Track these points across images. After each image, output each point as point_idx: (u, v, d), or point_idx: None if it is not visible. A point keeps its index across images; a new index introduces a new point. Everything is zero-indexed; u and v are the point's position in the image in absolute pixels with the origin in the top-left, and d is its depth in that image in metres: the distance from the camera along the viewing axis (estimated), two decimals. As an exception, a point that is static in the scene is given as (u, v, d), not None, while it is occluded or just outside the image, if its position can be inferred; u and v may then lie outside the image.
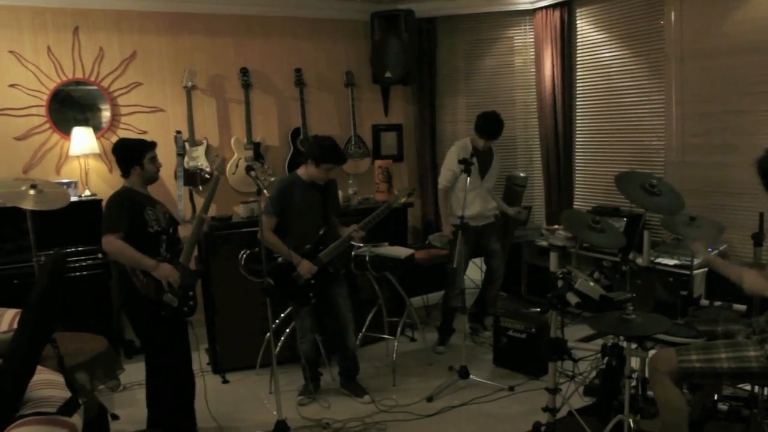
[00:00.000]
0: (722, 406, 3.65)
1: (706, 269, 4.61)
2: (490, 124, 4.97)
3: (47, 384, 2.64)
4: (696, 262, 4.16)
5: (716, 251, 4.81)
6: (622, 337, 3.24)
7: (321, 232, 4.12)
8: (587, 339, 4.59)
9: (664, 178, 4.65)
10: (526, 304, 5.95)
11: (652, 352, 3.27)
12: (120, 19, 5.35)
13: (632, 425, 3.03)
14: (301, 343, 4.31)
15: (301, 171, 4.18)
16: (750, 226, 4.51)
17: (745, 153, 4.78)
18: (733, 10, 4.75)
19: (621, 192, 3.69)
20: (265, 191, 3.62)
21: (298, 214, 4.12)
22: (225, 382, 4.69)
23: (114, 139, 5.36)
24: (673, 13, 5.12)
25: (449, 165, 5.08)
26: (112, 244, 3.36)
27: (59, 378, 2.72)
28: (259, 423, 4.06)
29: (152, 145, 3.63)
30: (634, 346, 3.07)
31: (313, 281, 4.10)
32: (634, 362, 3.67)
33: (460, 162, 4.67)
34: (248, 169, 3.73)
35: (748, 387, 3.66)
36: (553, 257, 3.57)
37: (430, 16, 6.41)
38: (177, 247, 3.69)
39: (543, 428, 3.62)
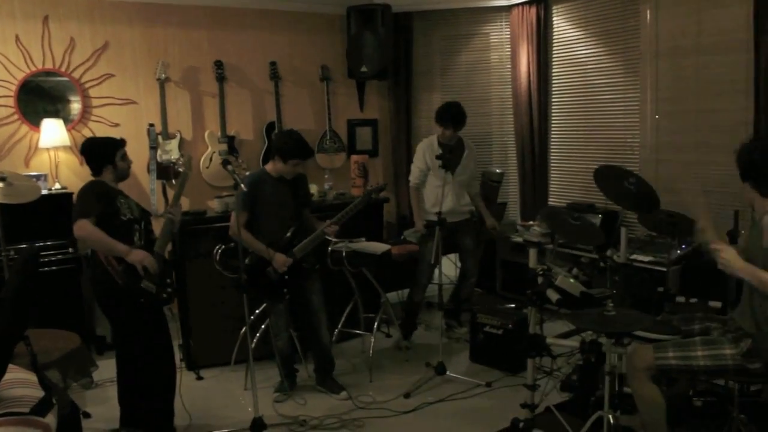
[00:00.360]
0: (697, 402, 3.70)
1: (680, 266, 4.67)
2: (445, 113, 4.95)
3: (19, 383, 2.57)
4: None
5: (689, 248, 4.88)
6: (600, 334, 3.28)
7: (292, 228, 4.08)
8: (565, 335, 4.62)
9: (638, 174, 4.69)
10: (501, 300, 5.96)
11: (629, 348, 3.30)
12: (92, 9, 5.22)
13: (612, 421, 3.05)
14: (276, 341, 4.27)
15: (269, 167, 4.14)
16: (723, 223, 4.58)
17: (719, 151, 4.84)
18: (706, 9, 4.80)
19: (599, 189, 3.71)
20: (242, 185, 3.56)
21: (268, 209, 4.08)
22: (199, 378, 4.63)
23: (85, 131, 5.26)
24: (648, 12, 5.17)
25: (417, 162, 5.11)
26: (84, 228, 3.30)
27: (31, 377, 2.65)
28: (235, 420, 4.00)
29: (122, 143, 3.60)
30: (612, 342, 3.09)
31: (286, 277, 4.06)
32: (611, 359, 3.72)
33: (437, 158, 4.68)
34: (225, 162, 3.69)
35: (722, 382, 3.73)
36: (532, 254, 3.58)
37: (406, 11, 6.38)
38: (150, 237, 3.63)
39: (521, 424, 3.63)
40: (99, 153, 3.52)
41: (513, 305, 5.53)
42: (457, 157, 5.07)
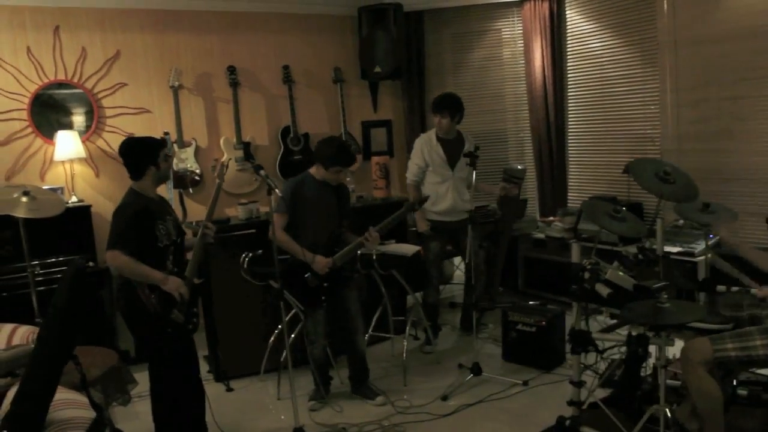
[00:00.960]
0: (742, 391, 3.65)
1: (708, 255, 4.62)
2: (441, 101, 4.88)
3: (69, 404, 2.49)
4: (721, 247, 4.10)
5: (714, 239, 4.84)
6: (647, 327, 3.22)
7: (333, 233, 4.02)
8: (607, 330, 4.56)
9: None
10: (524, 298, 5.90)
11: (684, 341, 3.26)
12: (102, 18, 5.15)
13: (669, 415, 2.99)
14: (312, 348, 4.18)
15: (313, 170, 4.09)
16: (748, 210, 4.54)
17: (742, 139, 4.82)
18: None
19: (636, 180, 3.64)
20: (276, 191, 3.49)
21: (310, 211, 4.01)
22: (229, 390, 4.54)
23: (100, 142, 5.18)
24: (665, 2, 5.12)
25: (414, 159, 5.01)
26: (118, 258, 3.16)
27: (80, 397, 2.57)
28: (269, 430, 3.94)
29: (164, 142, 3.47)
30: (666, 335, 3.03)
31: (325, 283, 3.98)
32: (654, 351, 3.66)
33: (465, 155, 4.62)
34: (257, 168, 3.60)
35: (765, 372, 3.69)
36: (576, 249, 3.53)
37: (417, 10, 6.32)
38: (182, 259, 3.51)
39: (568, 422, 3.57)
40: (141, 153, 3.31)
41: (537, 302, 5.50)
42: (457, 152, 4.94)
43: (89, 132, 5.14)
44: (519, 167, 5.58)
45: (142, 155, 3.31)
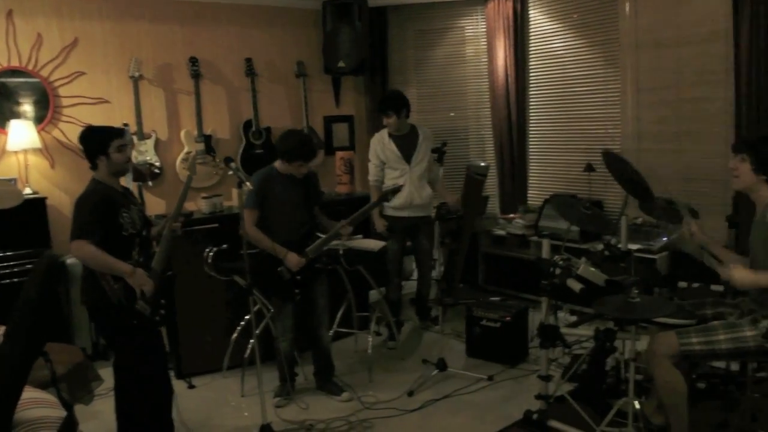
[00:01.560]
0: (700, 385, 3.76)
1: (667, 253, 4.75)
2: (379, 103, 4.96)
3: (38, 402, 2.39)
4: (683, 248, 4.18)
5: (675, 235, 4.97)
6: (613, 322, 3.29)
7: (305, 227, 3.99)
8: (574, 325, 4.63)
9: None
10: (484, 294, 5.96)
11: (650, 335, 3.33)
12: (59, 3, 4.96)
13: (638, 407, 3.06)
14: (282, 341, 4.12)
15: (278, 164, 4.02)
16: (706, 210, 4.67)
17: (700, 140, 4.96)
18: (684, 1, 4.89)
19: (610, 172, 3.70)
20: (247, 183, 3.42)
21: (279, 206, 3.96)
22: (191, 387, 4.46)
23: (56, 133, 5.01)
24: (627, 4, 5.23)
25: (371, 159, 5.02)
26: (83, 249, 3.07)
27: (48, 396, 2.48)
28: (235, 428, 3.89)
29: (119, 133, 3.33)
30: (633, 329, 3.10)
31: (298, 276, 3.94)
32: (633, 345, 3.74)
33: (432, 151, 4.64)
34: (227, 160, 3.53)
35: (722, 364, 3.80)
36: (546, 245, 3.57)
37: (381, 5, 6.30)
38: (149, 250, 3.43)
39: (535, 416, 3.62)
40: (93, 142, 3.24)
41: (497, 298, 5.56)
42: (412, 146, 4.94)
43: (45, 121, 4.96)
44: (482, 164, 5.63)
45: (92, 145, 3.24)
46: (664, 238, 4.83)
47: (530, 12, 6.00)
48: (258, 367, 3.57)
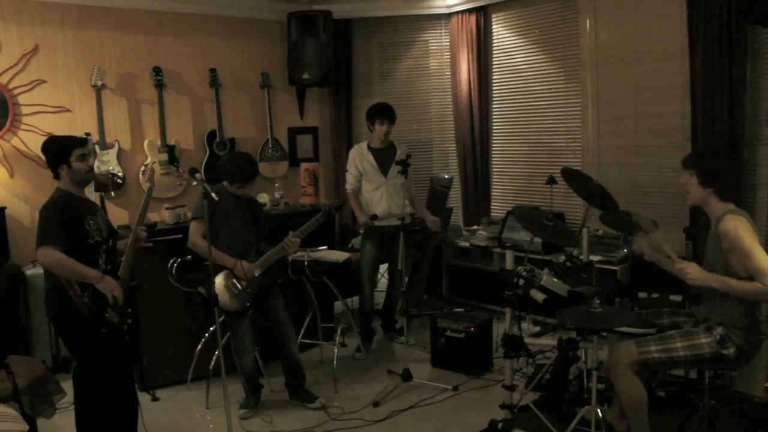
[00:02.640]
0: (660, 392, 3.85)
1: (627, 264, 4.86)
2: (380, 108, 5.01)
3: (-1, 416, 2.35)
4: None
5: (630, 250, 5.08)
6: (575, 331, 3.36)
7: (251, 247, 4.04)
8: (538, 335, 4.69)
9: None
10: (448, 305, 6.00)
11: (610, 344, 3.40)
12: (19, 9, 4.88)
13: (600, 415, 3.12)
14: (241, 360, 4.10)
15: (226, 183, 4.07)
16: (663, 223, 4.79)
17: (657, 154, 5.09)
18: (643, 19, 5.04)
19: (570, 187, 3.78)
20: (213, 195, 3.41)
21: (228, 221, 3.99)
22: (155, 399, 4.39)
23: (15, 141, 4.92)
24: (587, 21, 5.37)
25: (350, 169, 5.11)
26: (50, 256, 3.04)
27: (9, 409, 2.43)
28: (201, 441, 3.85)
29: (80, 142, 3.31)
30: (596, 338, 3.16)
31: (249, 290, 3.94)
32: (582, 355, 3.81)
33: (397, 163, 4.68)
34: (192, 171, 3.50)
35: (681, 372, 3.91)
36: (509, 256, 3.62)
37: (346, 18, 6.35)
38: (115, 259, 3.40)
39: (500, 425, 3.66)
40: (54, 151, 3.23)
41: (461, 309, 5.60)
42: (389, 159, 5.02)
43: (3, 130, 4.85)
44: (445, 176, 5.69)
45: (53, 154, 3.23)
46: (625, 250, 4.94)
47: (493, 27, 6.10)
48: (223, 379, 3.53)
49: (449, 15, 6.24)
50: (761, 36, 4.30)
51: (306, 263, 4.37)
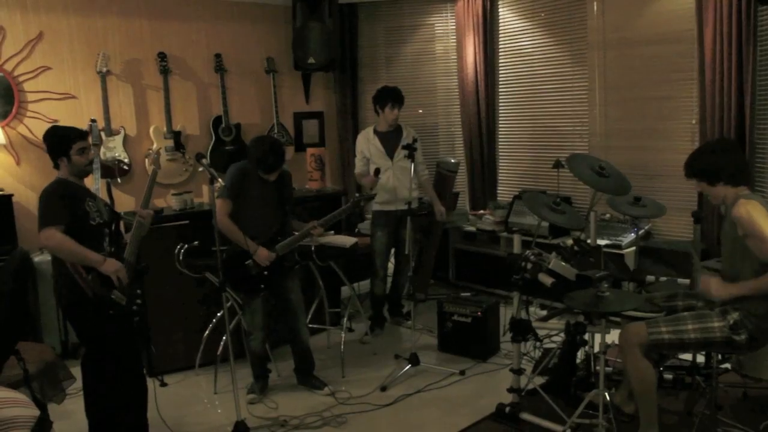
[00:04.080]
0: (667, 375, 3.85)
1: (635, 248, 4.84)
2: (392, 92, 4.98)
3: (9, 402, 2.35)
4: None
5: (642, 230, 5.07)
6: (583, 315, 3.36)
7: (273, 228, 3.99)
8: (545, 319, 4.70)
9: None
10: (455, 289, 6.01)
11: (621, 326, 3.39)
12: (24, -3, 4.88)
13: (608, 399, 3.12)
14: (251, 340, 4.11)
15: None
16: (671, 206, 4.77)
17: (665, 137, 5.07)
18: (651, 2, 4.99)
19: (574, 173, 3.76)
20: (219, 180, 3.41)
21: (252, 202, 3.95)
22: (163, 384, 4.42)
23: (21, 129, 4.92)
24: (595, 4, 5.32)
25: (358, 154, 5.11)
26: (53, 237, 3.03)
27: (19, 395, 2.44)
28: (209, 425, 3.87)
29: (81, 135, 3.30)
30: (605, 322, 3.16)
31: (266, 272, 3.93)
32: (590, 339, 3.81)
33: (404, 147, 4.67)
34: (198, 156, 3.51)
35: (689, 357, 3.90)
36: (517, 240, 3.61)
37: (351, 2, 6.31)
38: (120, 242, 3.41)
39: (508, 409, 3.67)
40: (54, 143, 3.23)
41: (468, 294, 5.60)
42: (396, 142, 5.02)
43: (9, 117, 4.85)
44: (452, 161, 5.67)
45: (54, 146, 3.23)
46: (633, 234, 4.92)
47: (499, 10, 6.06)
48: (231, 364, 3.57)
49: (456, -2, 6.20)
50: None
51: (313, 248, 4.37)
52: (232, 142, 5.81)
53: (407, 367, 4.43)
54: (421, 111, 6.57)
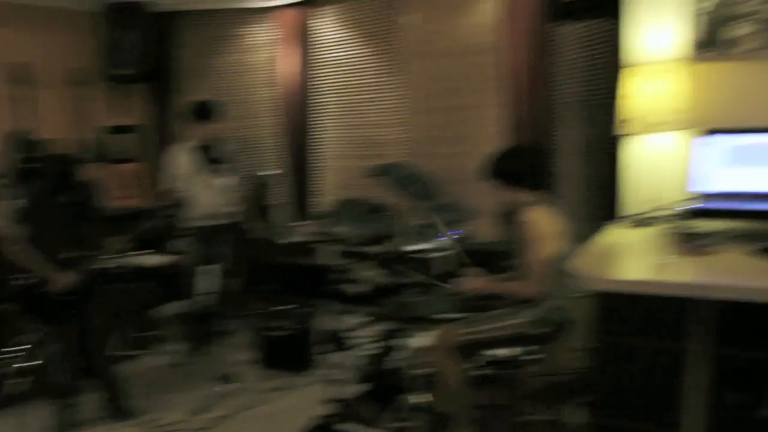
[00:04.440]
0: (478, 372, 3.98)
1: (444, 253, 4.99)
2: (208, 108, 4.87)
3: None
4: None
5: (457, 234, 5.24)
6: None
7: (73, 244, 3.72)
8: (358, 327, 4.70)
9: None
10: (270, 303, 5.85)
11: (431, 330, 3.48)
12: None
13: (415, 401, 3.18)
14: (57, 373, 3.80)
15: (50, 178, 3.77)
16: (483, 210, 4.99)
17: (472, 143, 5.32)
18: (455, 16, 5.25)
19: (378, 182, 3.82)
20: (15, 200, 3.14)
21: (47, 221, 3.70)
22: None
23: None
24: (403, 17, 5.51)
25: (168, 169, 4.96)
26: None
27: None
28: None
29: None
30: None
31: (66, 297, 3.66)
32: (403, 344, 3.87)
33: (221, 161, 4.56)
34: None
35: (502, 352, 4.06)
36: (328, 250, 3.60)
37: (168, 11, 6.07)
38: None
39: (326, 420, 3.64)
40: None
41: (284, 306, 5.50)
42: (213, 157, 4.91)
43: None
44: (268, 173, 5.61)
45: None
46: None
47: (318, 21, 6.08)
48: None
49: (273, 9, 6.14)
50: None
51: (121, 269, 4.14)
52: (35, 159, 5.36)
53: (224, 386, 4.30)
54: (243, 122, 6.43)
